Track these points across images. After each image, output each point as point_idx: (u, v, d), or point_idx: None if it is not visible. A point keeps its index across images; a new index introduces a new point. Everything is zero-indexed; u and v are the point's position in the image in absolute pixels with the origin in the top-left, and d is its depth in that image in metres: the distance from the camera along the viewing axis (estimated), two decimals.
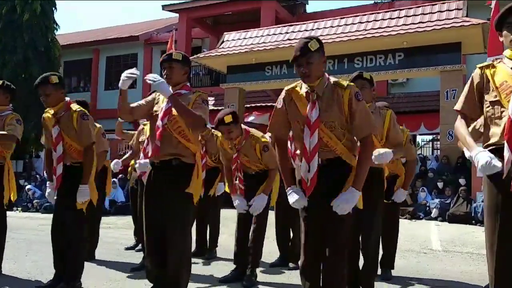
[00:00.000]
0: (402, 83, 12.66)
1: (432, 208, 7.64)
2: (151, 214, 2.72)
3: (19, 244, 3.75)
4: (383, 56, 9.63)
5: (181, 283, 2.67)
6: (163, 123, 2.67)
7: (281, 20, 13.66)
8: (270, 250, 4.26)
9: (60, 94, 3.15)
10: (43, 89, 3.09)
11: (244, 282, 3.44)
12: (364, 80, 3.01)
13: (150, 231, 2.72)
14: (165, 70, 2.78)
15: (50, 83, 3.08)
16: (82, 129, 3.11)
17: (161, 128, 2.67)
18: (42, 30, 13.62)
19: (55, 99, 3.12)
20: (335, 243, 2.26)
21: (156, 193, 2.71)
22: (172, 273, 2.64)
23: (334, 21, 10.62)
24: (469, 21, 8.67)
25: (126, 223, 6.73)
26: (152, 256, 2.73)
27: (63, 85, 3.21)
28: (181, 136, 2.69)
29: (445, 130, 9.08)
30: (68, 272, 3.12)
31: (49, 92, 3.09)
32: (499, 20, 2.09)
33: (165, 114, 2.68)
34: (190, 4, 14.88)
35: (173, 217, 2.66)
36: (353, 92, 2.29)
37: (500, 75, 2.01)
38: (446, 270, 4.26)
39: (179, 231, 2.64)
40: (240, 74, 10.98)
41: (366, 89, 2.94)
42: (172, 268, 2.63)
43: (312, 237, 2.31)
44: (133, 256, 4.47)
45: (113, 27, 20.97)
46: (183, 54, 2.87)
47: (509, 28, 2.02)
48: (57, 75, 3.15)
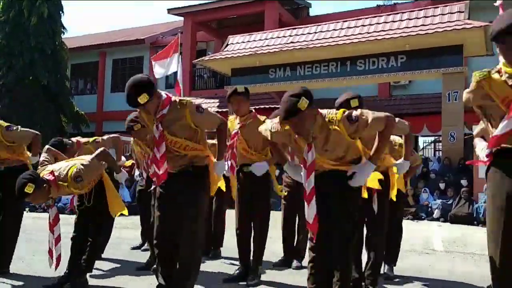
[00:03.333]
0: (405, 85, 12.69)
1: (434, 209, 7.68)
2: (165, 218, 2.69)
3: (27, 244, 3.80)
4: (385, 58, 9.70)
5: (190, 280, 2.70)
6: (161, 152, 2.60)
7: (285, 24, 13.74)
8: (273, 250, 4.24)
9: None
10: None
11: (248, 282, 3.43)
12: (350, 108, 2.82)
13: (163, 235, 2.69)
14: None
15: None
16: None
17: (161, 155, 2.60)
18: (49, 34, 13.75)
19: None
20: (340, 238, 2.32)
21: (170, 195, 2.70)
22: (182, 270, 2.67)
23: (337, 24, 10.69)
24: (471, 23, 8.71)
25: (132, 223, 6.75)
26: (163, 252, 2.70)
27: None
28: (187, 150, 2.67)
29: (447, 132, 9.12)
30: (78, 268, 3.21)
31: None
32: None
33: (160, 142, 2.60)
34: (195, 8, 15.00)
35: (186, 216, 2.67)
36: (344, 119, 2.28)
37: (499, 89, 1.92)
38: (448, 271, 4.24)
39: (191, 227, 2.67)
40: (245, 76, 11.09)
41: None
42: (183, 264, 2.66)
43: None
44: (139, 256, 4.49)
45: (119, 30, 21.12)
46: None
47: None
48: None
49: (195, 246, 2.70)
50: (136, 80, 2.53)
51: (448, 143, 9.17)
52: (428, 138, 13.93)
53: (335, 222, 2.35)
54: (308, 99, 2.17)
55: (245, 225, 3.58)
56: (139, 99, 2.46)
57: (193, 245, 2.68)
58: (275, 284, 3.54)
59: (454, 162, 8.91)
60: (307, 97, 2.17)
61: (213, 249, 4.67)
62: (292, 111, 2.15)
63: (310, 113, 2.22)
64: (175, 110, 2.60)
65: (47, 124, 12.88)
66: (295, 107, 2.14)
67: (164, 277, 2.70)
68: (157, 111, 2.60)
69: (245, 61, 11.03)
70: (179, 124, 2.61)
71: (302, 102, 2.14)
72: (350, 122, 2.25)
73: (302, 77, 10.54)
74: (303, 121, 2.19)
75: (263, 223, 3.58)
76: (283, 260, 4.25)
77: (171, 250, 2.67)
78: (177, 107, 2.60)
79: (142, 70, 17.94)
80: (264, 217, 3.59)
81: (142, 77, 2.58)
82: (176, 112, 2.60)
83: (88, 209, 3.31)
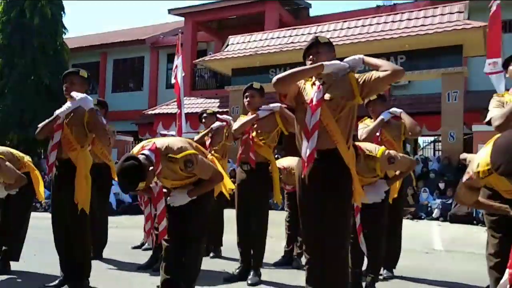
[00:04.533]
0: (404, 85, 12.71)
1: (433, 208, 7.68)
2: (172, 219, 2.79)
3: (28, 243, 3.82)
4: (385, 58, 9.46)
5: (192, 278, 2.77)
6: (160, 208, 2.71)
7: (285, 24, 13.76)
8: (274, 249, 4.25)
9: (83, 89, 3.23)
10: (71, 78, 3.22)
11: (248, 281, 3.44)
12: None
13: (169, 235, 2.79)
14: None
15: (79, 75, 3.25)
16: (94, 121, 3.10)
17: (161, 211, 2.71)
18: (51, 34, 13.79)
19: (77, 90, 3.18)
20: (334, 238, 2.31)
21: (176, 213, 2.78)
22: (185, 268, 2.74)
23: (337, 24, 10.71)
24: (470, 24, 8.73)
25: (133, 223, 6.78)
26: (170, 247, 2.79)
27: (88, 83, 3.35)
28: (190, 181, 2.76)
29: (446, 132, 9.14)
30: (76, 272, 3.15)
31: (75, 81, 3.21)
32: (507, 60, 2.28)
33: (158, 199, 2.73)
34: (195, 8, 15.03)
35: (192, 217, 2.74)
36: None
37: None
38: (447, 270, 4.25)
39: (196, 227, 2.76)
40: (245, 76, 11.10)
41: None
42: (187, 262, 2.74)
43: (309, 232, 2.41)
44: (140, 255, 4.51)
45: (120, 30, 21.13)
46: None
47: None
48: (86, 72, 3.30)
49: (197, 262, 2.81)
50: (126, 173, 2.42)
51: (447, 143, 9.19)
52: (427, 138, 13.95)
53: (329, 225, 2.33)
54: (329, 41, 2.48)
55: (244, 223, 3.59)
56: (139, 188, 2.44)
57: (196, 261, 2.80)
58: (275, 283, 3.54)
59: (454, 161, 8.92)
60: (329, 41, 2.48)
61: (213, 248, 4.68)
62: (313, 40, 2.44)
63: (328, 51, 2.44)
64: (167, 163, 2.59)
65: None
66: (315, 39, 2.44)
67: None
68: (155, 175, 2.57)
69: (246, 61, 11.06)
70: (175, 173, 2.64)
71: (322, 37, 2.46)
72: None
73: None
74: (320, 53, 2.40)
75: (262, 221, 3.59)
76: (284, 259, 4.26)
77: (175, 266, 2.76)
78: (167, 159, 2.58)
79: (143, 70, 18.00)
80: (264, 215, 3.60)
81: (129, 167, 2.41)
82: (169, 165, 2.60)
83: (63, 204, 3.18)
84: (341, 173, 2.35)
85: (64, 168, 3.14)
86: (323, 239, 2.32)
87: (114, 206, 9.01)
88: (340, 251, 2.33)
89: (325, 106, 2.33)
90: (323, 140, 2.33)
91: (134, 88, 18.27)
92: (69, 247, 3.13)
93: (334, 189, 2.33)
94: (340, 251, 2.33)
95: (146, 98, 17.33)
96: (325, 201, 2.32)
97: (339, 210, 2.33)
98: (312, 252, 2.39)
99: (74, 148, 3.10)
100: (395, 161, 2.92)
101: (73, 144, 3.10)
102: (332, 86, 2.38)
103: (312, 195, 2.37)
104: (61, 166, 3.17)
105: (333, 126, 2.32)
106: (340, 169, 2.34)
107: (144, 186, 2.46)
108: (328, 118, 2.32)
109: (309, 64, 2.42)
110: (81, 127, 3.13)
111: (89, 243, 3.27)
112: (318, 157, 2.33)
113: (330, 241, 2.31)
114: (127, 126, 15.37)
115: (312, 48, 2.43)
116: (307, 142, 2.34)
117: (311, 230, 2.40)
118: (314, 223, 2.37)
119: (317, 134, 2.32)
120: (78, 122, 3.11)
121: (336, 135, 2.32)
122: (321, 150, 2.34)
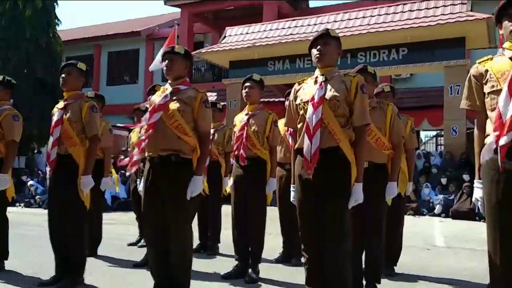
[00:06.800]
0: (406, 78, 12.60)
1: (435, 204, 7.62)
2: (151, 212, 2.71)
3: (22, 240, 3.77)
4: (386, 51, 9.58)
5: (184, 278, 2.68)
6: (157, 117, 2.66)
7: (284, 15, 13.57)
8: (272, 246, 4.25)
9: (79, 82, 3.27)
10: (68, 69, 3.24)
11: (246, 278, 3.44)
12: (367, 74, 3.04)
13: (150, 229, 2.74)
14: (166, 61, 2.77)
15: (77, 67, 3.26)
16: (90, 120, 3.16)
17: (156, 120, 2.65)
18: (43, 26, 13.57)
19: (74, 82, 3.23)
20: (334, 238, 2.30)
21: (156, 190, 2.68)
22: (174, 269, 2.65)
23: (337, 15, 10.56)
24: (473, 15, 8.60)
25: (129, 219, 6.73)
26: (154, 250, 2.74)
27: (85, 77, 3.33)
28: (178, 131, 2.66)
29: (448, 126, 9.03)
30: (70, 268, 3.12)
31: (72, 73, 3.22)
32: (499, 11, 2.09)
33: (160, 107, 2.67)
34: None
35: (174, 214, 2.65)
36: (360, 82, 2.44)
37: (499, 65, 2.02)
38: (449, 266, 4.27)
39: (180, 226, 2.65)
40: (243, 69, 10.92)
41: (369, 83, 2.93)
42: (175, 263, 2.64)
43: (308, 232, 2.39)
44: (136, 252, 4.48)
45: (114, 22, 20.92)
46: (185, 48, 2.88)
47: (510, 18, 2.02)
48: (85, 65, 3.32)
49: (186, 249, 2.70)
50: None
51: (450, 137, 9.09)
52: (429, 132, 13.86)
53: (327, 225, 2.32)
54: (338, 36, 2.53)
55: (241, 220, 3.55)
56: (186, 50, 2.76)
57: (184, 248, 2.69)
58: (273, 281, 3.52)
59: (456, 156, 8.82)
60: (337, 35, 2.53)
61: (211, 245, 4.64)
62: (322, 32, 2.48)
63: (335, 45, 2.50)
64: (191, 93, 2.73)
65: (45, 117, 12.67)
66: (326, 31, 2.50)
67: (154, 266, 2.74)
68: (176, 82, 2.76)
69: (243, 53, 10.88)
70: (187, 106, 2.69)
71: (332, 30, 2.52)
72: (361, 89, 2.44)
73: (301, 70, 10.37)
74: (328, 45, 2.46)
75: (259, 217, 3.56)
76: (282, 256, 4.24)
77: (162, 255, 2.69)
78: (192, 91, 2.75)
79: (138, 63, 17.78)
80: (261, 211, 3.57)
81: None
82: (190, 94, 2.72)
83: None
84: (343, 172, 2.35)
85: (63, 163, 3.12)
86: (323, 239, 2.32)
87: (109, 202, 8.91)
88: (340, 250, 2.31)
89: (326, 104, 2.37)
90: (324, 138, 2.35)
91: (129, 81, 18.06)
92: (64, 243, 3.12)
93: (335, 188, 2.33)
94: (340, 251, 2.31)
95: (141, 91, 17.12)
96: (326, 200, 2.33)
97: (339, 209, 2.33)
98: (311, 251, 2.39)
99: (74, 143, 3.12)
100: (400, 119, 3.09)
101: (74, 139, 3.12)
102: (333, 87, 2.42)
103: (312, 194, 2.37)
104: (59, 161, 3.14)
105: (334, 125, 2.35)
106: (342, 168, 2.35)
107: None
108: (329, 116, 2.35)
109: (316, 54, 2.45)
110: (80, 123, 3.17)
111: (85, 239, 3.26)
112: (320, 155, 2.34)
113: (330, 240, 2.32)
114: (123, 120, 15.22)
115: (322, 38, 2.45)
116: (309, 140, 2.33)
117: (310, 230, 2.39)
118: (314, 222, 2.36)
119: (319, 132, 2.32)
120: (76, 118, 3.15)
121: (338, 133, 2.34)
122: (322, 149, 2.35)
